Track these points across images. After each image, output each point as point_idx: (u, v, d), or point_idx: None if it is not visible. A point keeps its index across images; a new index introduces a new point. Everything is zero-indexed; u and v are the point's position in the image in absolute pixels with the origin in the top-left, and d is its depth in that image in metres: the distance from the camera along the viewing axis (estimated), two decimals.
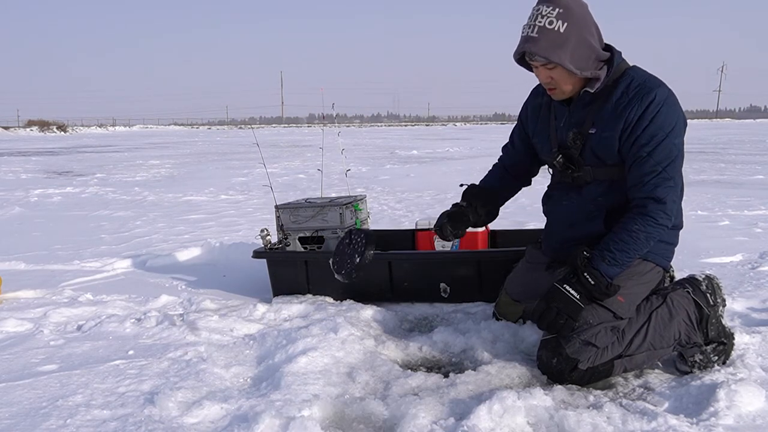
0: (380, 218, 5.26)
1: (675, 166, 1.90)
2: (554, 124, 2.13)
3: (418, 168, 11.20)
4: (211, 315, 2.61)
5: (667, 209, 1.89)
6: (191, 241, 4.38)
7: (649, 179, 1.89)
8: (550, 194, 2.27)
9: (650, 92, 1.90)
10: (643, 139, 1.89)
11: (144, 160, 14.65)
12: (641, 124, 1.89)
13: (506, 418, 1.62)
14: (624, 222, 1.93)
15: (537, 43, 1.88)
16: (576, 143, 2.03)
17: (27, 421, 1.73)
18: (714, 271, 3.18)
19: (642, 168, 1.90)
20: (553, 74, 1.95)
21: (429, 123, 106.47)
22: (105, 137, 38.99)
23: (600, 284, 1.88)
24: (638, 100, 1.90)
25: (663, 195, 1.88)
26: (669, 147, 1.88)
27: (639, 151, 1.90)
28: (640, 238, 1.90)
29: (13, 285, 3.22)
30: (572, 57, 1.89)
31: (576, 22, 1.88)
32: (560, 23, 1.86)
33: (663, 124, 1.88)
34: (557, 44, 1.87)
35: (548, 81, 1.99)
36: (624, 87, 1.94)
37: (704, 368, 1.96)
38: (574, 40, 1.88)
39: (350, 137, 29.73)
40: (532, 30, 1.89)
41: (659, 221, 1.89)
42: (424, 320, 2.64)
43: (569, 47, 1.88)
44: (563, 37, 1.87)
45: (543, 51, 1.88)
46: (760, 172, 9.25)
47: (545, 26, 1.87)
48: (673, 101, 1.92)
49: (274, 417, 1.64)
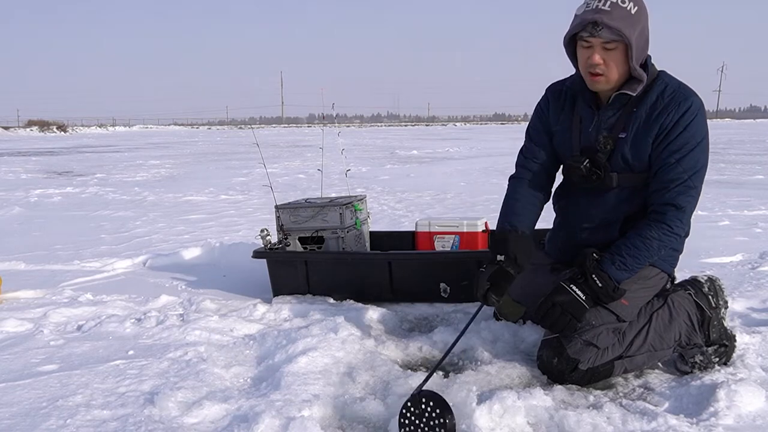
0: (380, 218, 5.26)
1: (699, 177, 1.90)
2: (579, 127, 2.06)
3: (418, 168, 11.21)
4: (211, 315, 2.61)
5: (685, 218, 1.89)
6: (191, 241, 4.38)
7: (673, 186, 1.87)
8: (566, 194, 2.17)
9: (687, 99, 1.88)
10: (674, 146, 1.87)
11: (144, 160, 14.65)
12: (676, 130, 1.87)
13: (506, 418, 1.61)
14: (639, 228, 1.92)
15: (610, 15, 1.81)
16: (606, 147, 1.96)
17: (27, 421, 1.72)
18: (714, 271, 3.18)
19: (668, 174, 1.88)
20: (610, 56, 1.87)
21: (429, 123, 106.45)
22: (105, 137, 38.99)
23: (607, 287, 1.87)
24: (675, 106, 1.88)
25: (684, 203, 1.87)
26: (697, 156, 1.88)
27: (669, 158, 1.88)
28: (653, 245, 1.89)
29: (13, 285, 3.22)
30: (637, 41, 1.85)
31: (644, 10, 1.87)
32: (632, 5, 1.83)
33: (695, 133, 1.87)
34: (629, 23, 1.82)
35: (600, 63, 1.88)
36: (659, 92, 1.92)
37: (705, 369, 1.96)
38: (641, 27, 1.86)
39: (350, 137, 29.73)
40: (603, 3, 1.83)
41: (674, 230, 1.89)
42: (424, 320, 2.64)
43: (637, 30, 1.84)
44: (634, 18, 1.83)
45: (616, 22, 1.80)
46: (760, 172, 9.25)
47: (618, 3, 1.82)
48: (704, 112, 1.92)
49: (274, 417, 1.64)
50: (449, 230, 3.22)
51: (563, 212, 2.22)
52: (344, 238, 3.02)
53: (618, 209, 2.02)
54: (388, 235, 3.49)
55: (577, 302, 1.88)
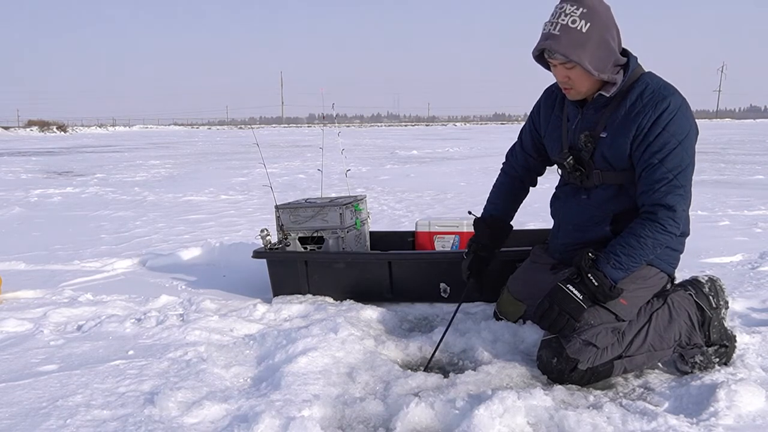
0: (380, 218, 5.26)
1: (686, 175, 1.90)
2: (566, 126, 2.13)
3: (418, 168, 11.20)
4: (211, 315, 2.61)
5: (677, 217, 1.90)
6: (191, 241, 4.38)
7: (659, 186, 1.88)
8: (558, 195, 2.27)
9: (664, 99, 1.89)
10: (655, 146, 1.88)
11: (144, 160, 14.65)
12: (654, 130, 1.88)
13: (506, 418, 1.61)
14: (633, 227, 1.93)
15: (558, 40, 1.87)
16: (587, 146, 2.02)
17: (27, 421, 1.73)
18: (714, 271, 3.19)
19: (653, 175, 1.90)
20: (571, 74, 1.94)
21: (429, 123, 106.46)
22: (105, 137, 38.97)
23: (603, 286, 1.88)
24: (652, 107, 1.89)
25: (673, 202, 1.88)
26: (681, 155, 1.88)
27: (651, 158, 1.89)
28: (647, 244, 1.90)
29: (13, 285, 3.22)
30: (592, 58, 1.88)
31: (599, 24, 1.87)
32: (583, 23, 1.85)
33: (676, 132, 1.88)
34: (578, 43, 1.86)
35: (565, 80, 1.97)
36: (638, 93, 1.94)
37: (705, 369, 1.96)
38: (595, 41, 1.87)
39: (350, 137, 29.72)
40: (554, 27, 1.88)
41: (668, 228, 1.89)
42: (424, 320, 2.64)
43: (590, 48, 1.87)
44: (585, 37, 1.86)
45: (563, 49, 1.86)
46: (760, 172, 9.25)
47: (568, 24, 1.86)
48: (687, 110, 1.92)
49: (274, 417, 1.64)
50: (449, 230, 3.23)
51: (557, 213, 2.28)
52: (344, 238, 3.03)
53: (605, 207, 2.05)
54: (388, 235, 3.50)
55: (574, 302, 1.89)
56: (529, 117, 2.37)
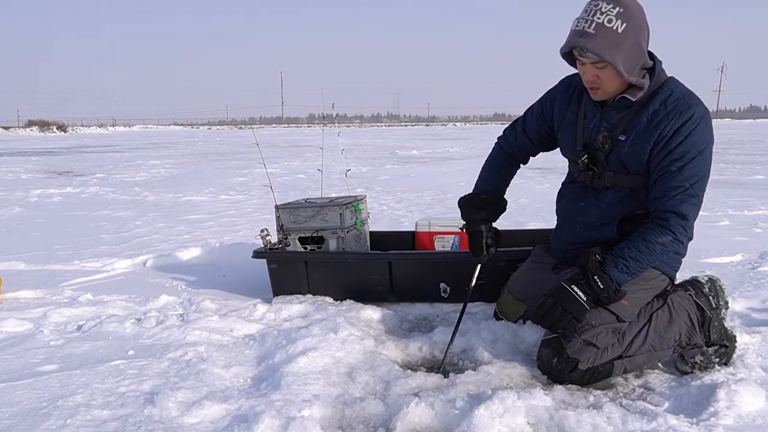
0: (380, 218, 5.26)
1: (701, 185, 1.90)
2: (583, 123, 2.10)
3: (418, 168, 11.20)
4: (211, 315, 2.61)
5: (688, 225, 1.90)
6: (191, 241, 4.38)
7: (675, 194, 1.88)
8: (565, 193, 2.25)
9: (689, 109, 1.88)
10: (675, 154, 1.87)
11: (144, 160, 14.64)
12: (676, 139, 1.87)
13: (506, 418, 1.61)
14: (643, 232, 1.92)
15: (593, 39, 1.83)
16: (604, 147, 2.00)
17: (27, 421, 1.73)
18: (714, 271, 3.19)
19: (670, 182, 1.89)
20: (601, 74, 1.91)
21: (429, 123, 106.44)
22: (105, 137, 38.97)
23: (608, 289, 1.88)
24: (676, 115, 1.88)
25: (686, 211, 1.88)
26: (699, 165, 1.88)
27: (670, 166, 1.88)
28: (656, 250, 1.89)
29: (13, 285, 3.22)
30: (625, 59, 1.85)
31: (634, 25, 1.85)
32: (619, 23, 1.82)
33: (697, 141, 1.87)
34: (614, 44, 1.83)
35: (594, 80, 1.93)
36: (662, 99, 1.92)
37: (705, 369, 1.96)
38: (630, 43, 1.85)
39: (350, 137, 29.73)
40: (588, 25, 1.84)
41: (678, 236, 1.89)
42: (424, 320, 2.64)
43: (624, 49, 1.84)
44: (620, 38, 1.83)
45: (598, 48, 1.83)
46: (760, 172, 9.25)
47: (604, 23, 1.82)
48: (708, 121, 1.91)
49: (274, 417, 1.64)
50: (449, 230, 3.23)
51: (562, 211, 2.26)
52: (344, 238, 3.03)
53: (614, 209, 2.04)
54: (388, 235, 3.50)
55: (577, 303, 1.88)
56: (539, 102, 2.29)
